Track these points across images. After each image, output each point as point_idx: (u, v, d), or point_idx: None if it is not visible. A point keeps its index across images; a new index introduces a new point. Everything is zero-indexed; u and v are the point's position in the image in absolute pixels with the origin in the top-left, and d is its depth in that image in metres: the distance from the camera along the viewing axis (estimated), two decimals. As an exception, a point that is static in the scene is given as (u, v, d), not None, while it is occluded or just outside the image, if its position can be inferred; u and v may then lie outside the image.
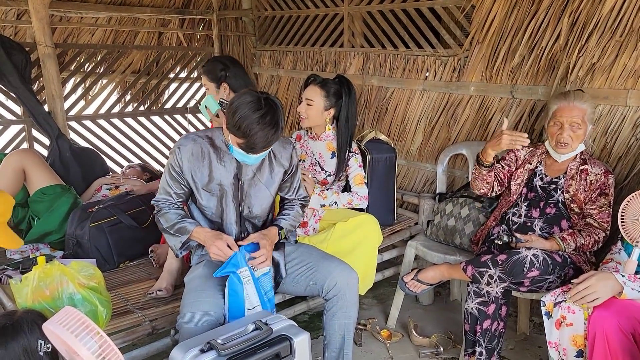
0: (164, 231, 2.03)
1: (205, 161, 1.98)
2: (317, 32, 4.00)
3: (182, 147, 1.97)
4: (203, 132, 2.04)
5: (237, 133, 1.80)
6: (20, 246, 2.11)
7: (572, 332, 1.81)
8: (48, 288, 1.78)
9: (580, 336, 1.80)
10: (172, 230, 1.98)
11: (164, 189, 2.03)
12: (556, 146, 2.25)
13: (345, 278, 1.98)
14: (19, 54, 3.30)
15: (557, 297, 1.88)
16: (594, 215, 2.20)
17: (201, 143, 1.99)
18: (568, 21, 2.53)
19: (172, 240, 2.01)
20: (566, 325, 1.82)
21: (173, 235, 1.99)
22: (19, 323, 1.51)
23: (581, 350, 1.81)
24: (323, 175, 2.70)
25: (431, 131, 3.29)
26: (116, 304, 2.14)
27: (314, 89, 2.62)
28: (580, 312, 1.79)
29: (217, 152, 1.99)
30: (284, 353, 1.60)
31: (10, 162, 2.59)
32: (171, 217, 1.99)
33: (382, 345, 2.63)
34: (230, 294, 1.83)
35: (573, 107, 2.19)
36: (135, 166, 3.69)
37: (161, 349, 2.02)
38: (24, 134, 3.65)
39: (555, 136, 2.23)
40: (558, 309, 1.84)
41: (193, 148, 1.97)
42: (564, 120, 2.20)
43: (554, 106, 2.25)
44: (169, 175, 2.01)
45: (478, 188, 2.45)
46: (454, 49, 3.12)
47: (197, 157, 1.97)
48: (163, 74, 4.50)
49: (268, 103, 1.80)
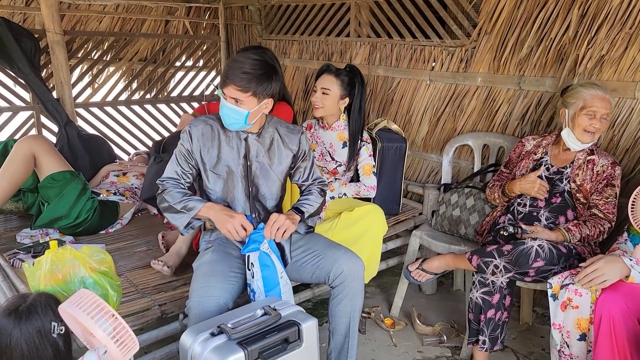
0: (167, 210, 1.98)
1: (215, 142, 2.01)
2: (323, 22, 3.99)
3: (194, 127, 2.00)
4: (214, 115, 2.07)
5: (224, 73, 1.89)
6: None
7: (577, 314, 1.84)
8: (60, 272, 1.81)
9: (585, 319, 1.83)
10: (178, 206, 1.95)
11: (171, 169, 2.03)
12: (582, 135, 2.22)
13: (352, 265, 2.00)
14: (28, 41, 3.31)
15: (565, 279, 1.90)
16: (600, 206, 2.22)
17: (212, 124, 2.02)
18: (578, 12, 2.53)
19: (177, 218, 1.96)
20: (572, 308, 1.85)
21: (178, 213, 1.95)
22: (33, 305, 1.54)
23: (584, 333, 1.84)
24: (333, 165, 2.71)
25: (437, 122, 3.30)
26: (126, 289, 2.17)
27: (330, 78, 2.62)
28: (588, 295, 1.82)
29: (226, 133, 2.02)
30: (292, 338, 1.63)
31: (21, 148, 2.61)
32: (176, 195, 1.97)
33: (385, 333, 2.66)
34: (263, 269, 1.85)
35: (607, 99, 2.19)
36: (142, 153, 3.72)
37: (170, 333, 2.05)
38: (32, 121, 3.67)
39: (586, 125, 2.20)
40: (565, 291, 1.86)
41: (204, 128, 2.00)
42: (598, 110, 2.18)
43: (587, 95, 2.20)
44: (178, 154, 2.02)
45: (496, 203, 2.56)
46: (462, 40, 3.12)
47: (207, 137, 2.00)
48: (169, 62, 4.50)
49: (262, 50, 1.97)
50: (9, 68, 3.32)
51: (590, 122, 2.20)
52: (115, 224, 2.90)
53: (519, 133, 2.90)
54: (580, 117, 2.22)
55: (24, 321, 1.50)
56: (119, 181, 3.14)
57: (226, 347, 1.52)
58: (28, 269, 1.86)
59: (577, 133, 2.24)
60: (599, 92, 2.19)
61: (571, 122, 2.26)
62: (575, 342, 1.87)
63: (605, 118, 2.19)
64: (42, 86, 3.37)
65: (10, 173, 2.58)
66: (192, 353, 1.55)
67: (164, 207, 2.01)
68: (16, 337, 1.48)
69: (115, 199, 2.92)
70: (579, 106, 2.22)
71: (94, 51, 4.15)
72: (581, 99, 2.22)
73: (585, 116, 2.20)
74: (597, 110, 2.18)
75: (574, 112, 2.24)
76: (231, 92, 1.87)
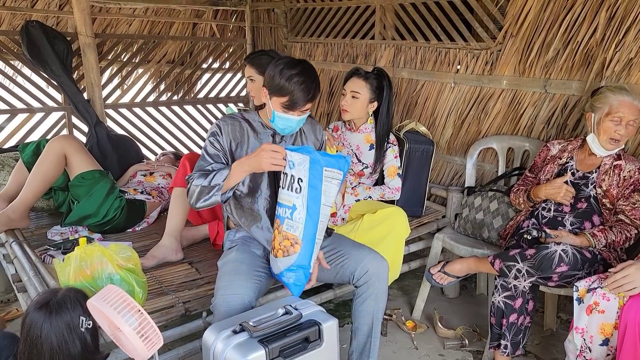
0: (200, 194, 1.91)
1: (244, 137, 2.03)
2: (348, 24, 4.01)
3: (222, 124, 2.02)
4: (239, 114, 2.10)
5: (279, 91, 1.87)
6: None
7: (602, 319, 1.82)
8: (89, 268, 1.86)
9: (609, 324, 1.80)
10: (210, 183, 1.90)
11: (200, 167, 1.99)
12: (607, 142, 2.18)
13: (377, 265, 2.01)
14: (61, 44, 3.42)
15: (592, 283, 1.88)
16: (627, 212, 2.18)
17: (240, 121, 2.06)
18: (605, 15, 2.49)
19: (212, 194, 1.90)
20: (597, 312, 1.82)
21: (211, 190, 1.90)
22: (63, 300, 1.59)
23: (607, 338, 1.82)
24: (360, 167, 2.72)
25: (461, 124, 3.28)
26: (151, 286, 2.21)
27: (359, 82, 2.63)
28: (615, 301, 1.79)
29: (254, 130, 2.05)
30: (312, 337, 1.64)
31: (53, 148, 2.69)
32: (203, 178, 1.93)
33: (407, 336, 2.66)
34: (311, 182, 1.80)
35: (635, 105, 2.14)
36: (168, 154, 3.79)
37: (193, 330, 2.09)
38: (64, 121, 3.78)
39: (611, 132, 2.16)
40: (592, 295, 1.84)
41: (232, 125, 2.03)
42: (624, 117, 2.13)
43: (613, 101, 2.15)
44: (209, 150, 2.00)
45: (520, 208, 2.53)
46: (487, 42, 3.10)
47: (235, 133, 2.02)
48: (196, 64, 4.59)
49: (301, 61, 1.92)
50: (42, 70, 3.44)
51: (615, 129, 2.15)
52: (142, 223, 2.96)
53: (544, 137, 2.86)
54: (605, 122, 2.17)
55: (54, 315, 1.55)
56: (146, 181, 3.21)
57: (247, 344, 1.55)
58: (58, 265, 1.93)
59: (601, 140, 2.20)
60: (627, 97, 2.14)
61: (596, 128, 2.22)
62: (597, 347, 1.85)
63: (632, 125, 2.15)
64: (74, 87, 3.48)
65: (43, 172, 2.66)
66: (215, 350, 1.58)
67: (197, 193, 1.92)
68: (46, 330, 1.54)
69: (142, 198, 2.99)
70: (605, 111, 2.18)
71: (124, 53, 4.26)
72: (607, 104, 2.17)
73: (610, 122, 2.16)
74: (624, 116, 2.13)
75: (600, 117, 2.20)
76: (305, 107, 1.92)
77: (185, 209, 2.53)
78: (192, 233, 2.67)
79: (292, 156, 1.81)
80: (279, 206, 1.88)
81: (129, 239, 2.77)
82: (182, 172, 2.55)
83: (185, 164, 2.58)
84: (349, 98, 2.65)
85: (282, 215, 1.84)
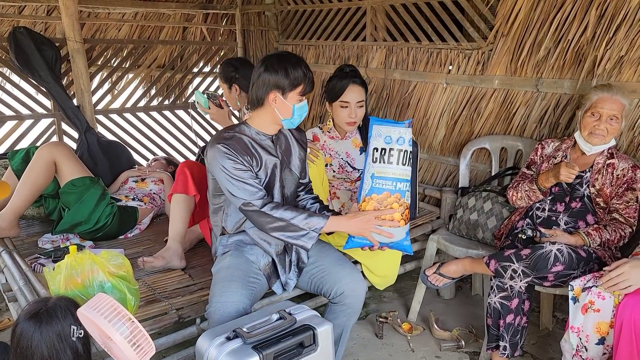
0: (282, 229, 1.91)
1: (252, 149, 1.97)
2: (339, 26, 4.00)
3: (226, 143, 1.90)
4: (229, 132, 1.99)
5: (294, 83, 1.90)
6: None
7: (597, 318, 1.81)
8: (79, 276, 1.83)
9: (605, 323, 1.80)
10: (300, 223, 1.90)
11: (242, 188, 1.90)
12: (589, 137, 2.20)
13: (353, 287, 2.01)
14: (49, 50, 3.39)
15: (587, 282, 1.87)
16: (621, 210, 2.18)
17: (238, 136, 1.96)
18: (595, 13, 2.49)
19: (300, 237, 1.92)
20: (593, 311, 1.82)
21: (300, 230, 1.91)
22: (53, 309, 1.56)
23: (603, 337, 1.81)
24: (356, 174, 2.68)
25: (454, 125, 3.28)
26: (143, 293, 2.18)
27: (359, 89, 2.49)
28: (610, 299, 1.79)
29: (254, 140, 2.00)
30: (307, 342, 1.63)
31: (42, 155, 2.66)
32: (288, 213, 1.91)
33: (402, 338, 2.64)
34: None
35: (615, 100, 2.15)
36: (160, 159, 3.76)
37: (187, 337, 2.06)
38: (53, 128, 3.74)
39: (590, 127, 2.18)
40: (587, 294, 1.83)
41: (236, 142, 1.94)
42: (603, 112, 2.15)
43: (594, 97, 2.20)
44: (235, 172, 1.89)
45: (520, 205, 2.44)
46: (478, 42, 3.10)
47: (243, 147, 1.95)
48: (187, 69, 4.56)
49: (281, 52, 2.01)
50: (30, 76, 3.40)
51: (594, 124, 2.17)
52: (134, 229, 2.94)
53: (536, 136, 2.86)
54: (585, 118, 2.21)
55: (44, 325, 1.53)
56: (137, 187, 3.18)
57: (241, 351, 1.53)
58: (49, 273, 1.90)
59: (584, 135, 2.23)
60: (606, 93, 2.17)
61: (579, 124, 2.26)
62: (593, 346, 1.84)
63: (614, 120, 2.16)
64: (63, 94, 3.45)
65: (32, 179, 2.63)
66: (208, 357, 1.56)
67: (276, 227, 1.91)
68: (37, 340, 1.51)
69: (134, 205, 2.96)
70: (586, 107, 2.22)
71: (113, 58, 4.24)
72: (589, 100, 2.21)
73: (589, 117, 2.19)
74: (602, 111, 2.15)
75: (582, 113, 2.24)
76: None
77: (186, 215, 2.51)
78: (188, 237, 2.64)
79: (388, 131, 1.92)
80: (385, 179, 1.92)
81: (121, 245, 2.74)
82: (182, 180, 2.51)
83: (185, 171, 2.51)
84: (354, 109, 2.48)
85: (395, 189, 1.93)
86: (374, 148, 1.93)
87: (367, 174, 1.96)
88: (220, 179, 1.93)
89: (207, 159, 1.96)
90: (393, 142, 1.92)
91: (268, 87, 1.91)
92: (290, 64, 1.89)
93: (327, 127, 2.68)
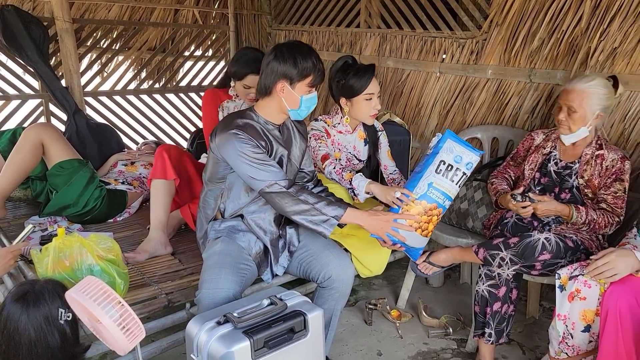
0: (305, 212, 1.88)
1: (264, 134, 1.97)
2: (333, 12, 3.97)
3: (241, 129, 1.89)
4: (240, 119, 1.96)
5: (303, 74, 1.88)
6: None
7: (583, 306, 1.84)
8: (68, 259, 1.82)
9: (591, 311, 1.83)
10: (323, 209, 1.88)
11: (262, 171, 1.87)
12: (558, 128, 2.28)
13: (341, 272, 2.03)
14: (37, 29, 3.32)
15: (574, 271, 1.90)
16: (608, 201, 2.20)
17: (249, 124, 1.94)
18: (590, 4, 2.49)
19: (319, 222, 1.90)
20: (579, 299, 1.84)
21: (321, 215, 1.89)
22: (41, 291, 1.54)
23: (589, 325, 1.84)
24: (361, 165, 2.68)
25: (446, 114, 3.28)
26: (132, 277, 2.18)
27: (375, 80, 2.46)
28: (597, 287, 1.81)
29: (264, 126, 1.99)
30: (298, 328, 1.63)
31: (29, 136, 2.62)
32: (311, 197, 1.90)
33: (391, 325, 2.66)
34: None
35: (570, 90, 2.19)
36: (150, 143, 3.73)
37: (177, 322, 2.06)
38: (41, 109, 3.69)
39: (556, 118, 2.27)
40: (573, 282, 1.86)
41: (249, 129, 1.92)
42: (561, 103, 2.22)
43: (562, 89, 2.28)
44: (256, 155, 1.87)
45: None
46: (472, 31, 3.09)
47: (257, 133, 1.94)
48: (178, 52, 4.50)
49: (293, 41, 1.97)
50: (18, 56, 3.34)
51: (557, 115, 2.25)
52: (123, 213, 2.91)
53: (528, 126, 2.87)
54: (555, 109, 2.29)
55: (31, 307, 1.51)
56: (127, 170, 3.15)
57: (232, 335, 1.52)
58: (36, 255, 1.88)
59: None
60: (569, 85, 2.22)
61: None
62: (579, 334, 1.87)
63: (572, 109, 2.17)
64: (51, 74, 3.39)
65: (19, 161, 2.59)
66: (198, 341, 1.55)
67: (298, 210, 1.89)
68: (24, 323, 1.49)
69: (123, 188, 2.94)
70: None
71: (103, 40, 4.16)
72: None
73: (556, 108, 2.28)
74: (561, 102, 2.23)
75: None
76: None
77: (167, 201, 2.47)
78: (170, 223, 2.61)
79: (462, 151, 2.02)
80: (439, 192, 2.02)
81: (110, 229, 2.72)
82: (161, 164, 2.46)
83: (163, 155, 2.47)
84: (376, 101, 2.47)
85: (442, 204, 2.04)
86: (442, 160, 2.02)
87: (425, 179, 2.02)
88: (237, 164, 1.89)
89: (217, 146, 1.91)
90: (462, 163, 2.02)
91: (276, 76, 1.88)
92: (300, 54, 1.87)
93: (332, 121, 2.58)
